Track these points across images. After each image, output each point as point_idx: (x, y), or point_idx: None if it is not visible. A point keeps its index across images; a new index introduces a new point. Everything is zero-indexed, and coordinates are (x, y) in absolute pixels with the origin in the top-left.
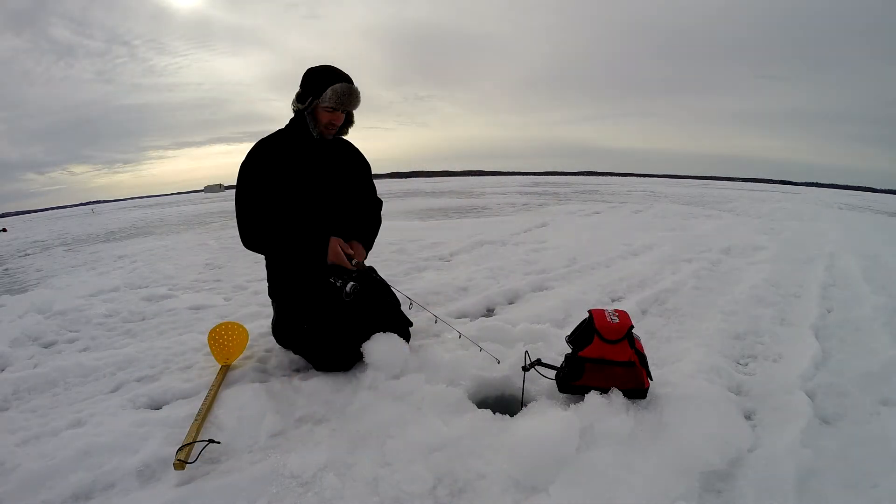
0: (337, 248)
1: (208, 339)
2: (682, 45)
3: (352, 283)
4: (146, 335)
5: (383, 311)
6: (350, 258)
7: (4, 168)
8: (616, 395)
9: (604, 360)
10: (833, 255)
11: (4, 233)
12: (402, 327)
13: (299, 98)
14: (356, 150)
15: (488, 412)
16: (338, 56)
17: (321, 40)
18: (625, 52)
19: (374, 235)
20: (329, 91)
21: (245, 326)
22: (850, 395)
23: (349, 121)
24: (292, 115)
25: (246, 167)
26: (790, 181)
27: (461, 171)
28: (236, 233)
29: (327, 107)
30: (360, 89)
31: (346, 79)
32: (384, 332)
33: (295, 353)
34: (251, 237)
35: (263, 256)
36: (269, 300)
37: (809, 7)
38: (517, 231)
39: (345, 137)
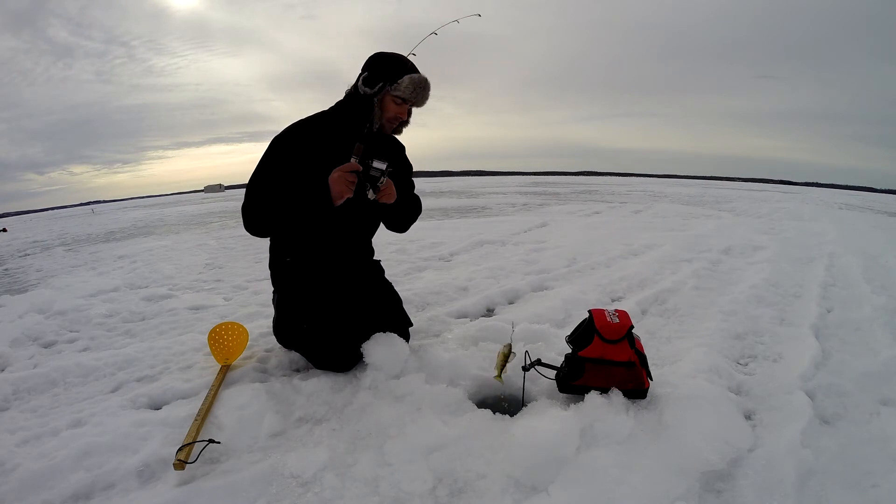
0: (336, 174)
1: (208, 339)
2: (682, 46)
3: (379, 163)
4: (146, 335)
5: (383, 310)
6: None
7: (4, 168)
8: (616, 395)
9: (604, 360)
10: (833, 255)
11: (4, 233)
12: (402, 327)
13: (367, 82)
14: (403, 149)
15: (488, 412)
16: (336, 56)
17: (319, 40)
18: (625, 52)
19: (412, 205)
20: (407, 79)
21: (245, 326)
22: (850, 395)
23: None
24: (339, 99)
25: (279, 142)
26: (790, 181)
27: (461, 171)
28: (236, 233)
29: (399, 96)
30: None
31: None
32: (384, 331)
33: (296, 352)
34: (253, 211)
35: (267, 257)
36: (270, 300)
37: (809, 7)
38: (517, 231)
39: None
